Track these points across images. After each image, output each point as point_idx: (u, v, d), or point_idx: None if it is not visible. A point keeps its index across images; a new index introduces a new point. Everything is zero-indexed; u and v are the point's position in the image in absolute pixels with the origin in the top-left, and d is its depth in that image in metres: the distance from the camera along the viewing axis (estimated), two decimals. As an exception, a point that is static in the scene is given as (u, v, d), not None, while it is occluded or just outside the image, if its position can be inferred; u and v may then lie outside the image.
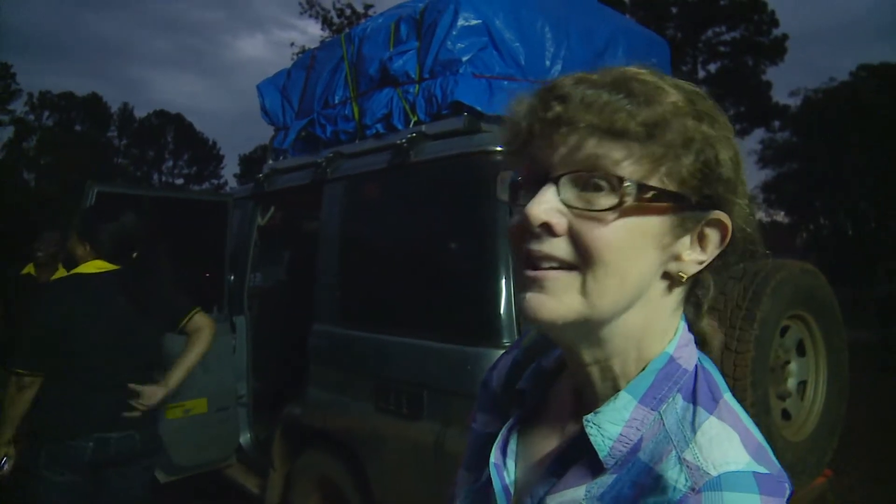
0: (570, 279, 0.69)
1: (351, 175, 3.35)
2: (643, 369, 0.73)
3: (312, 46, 5.31)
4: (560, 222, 0.69)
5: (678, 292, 0.75)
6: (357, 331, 3.16)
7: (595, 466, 0.71)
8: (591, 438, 0.71)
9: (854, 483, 5.06)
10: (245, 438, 4.27)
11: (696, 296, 0.80)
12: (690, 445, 0.66)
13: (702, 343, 0.81)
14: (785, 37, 31.86)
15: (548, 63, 3.17)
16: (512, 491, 0.83)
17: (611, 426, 0.71)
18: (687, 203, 0.70)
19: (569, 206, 0.69)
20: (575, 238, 0.68)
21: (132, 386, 2.67)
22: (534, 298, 0.70)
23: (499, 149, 2.64)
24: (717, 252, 0.73)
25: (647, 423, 0.71)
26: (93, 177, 3.81)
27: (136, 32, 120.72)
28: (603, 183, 0.67)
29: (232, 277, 4.27)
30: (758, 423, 0.74)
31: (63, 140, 44.14)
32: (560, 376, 0.88)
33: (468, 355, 2.55)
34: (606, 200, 0.67)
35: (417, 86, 3.17)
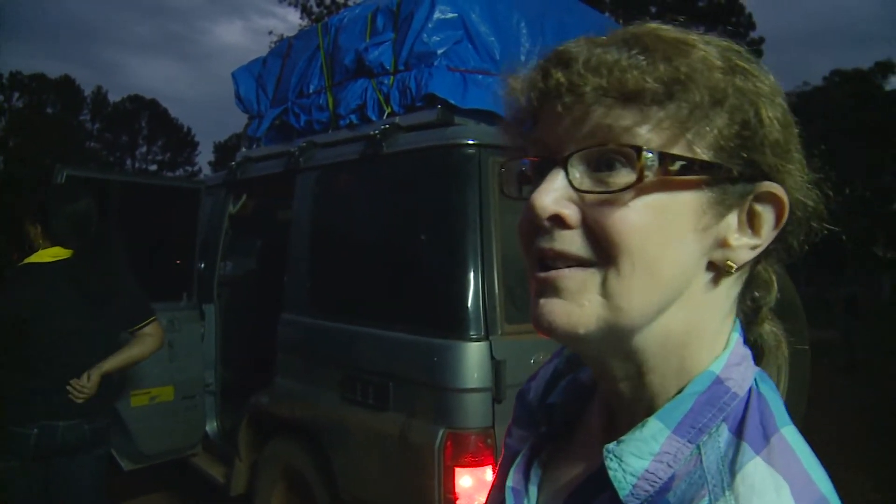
0: (588, 276, 0.57)
1: (324, 165, 3.35)
2: (681, 391, 0.60)
3: (291, 35, 5.29)
4: (572, 212, 0.57)
5: (729, 288, 0.62)
6: (325, 320, 3.16)
7: None
8: (611, 473, 0.58)
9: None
10: (211, 427, 4.25)
11: (753, 295, 0.67)
12: (726, 493, 0.53)
13: (758, 356, 0.67)
14: (761, 39, 32.21)
15: (523, 58, 3.16)
16: None
17: (635, 460, 0.58)
18: (725, 173, 0.56)
19: (581, 192, 0.57)
20: (590, 228, 0.56)
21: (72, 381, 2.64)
22: (547, 305, 0.58)
23: (471, 142, 2.66)
24: (774, 234, 0.60)
25: (682, 459, 0.57)
26: (63, 160, 3.76)
27: (113, 14, 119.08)
28: (619, 158, 0.56)
29: (202, 265, 4.24)
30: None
31: (33, 122, 43.40)
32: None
33: (435, 347, 2.56)
34: (624, 178, 0.55)
35: (392, 77, 3.17)
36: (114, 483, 4.24)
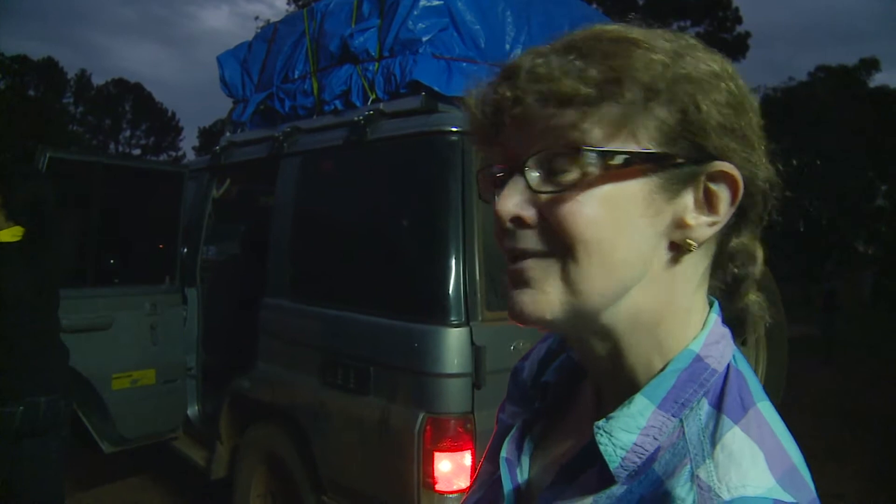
0: (548, 266, 0.61)
1: (307, 150, 3.35)
2: (663, 368, 0.64)
3: (277, 20, 5.27)
4: (530, 213, 0.62)
5: (695, 265, 0.65)
6: (307, 305, 3.17)
7: (606, 476, 0.63)
8: (601, 448, 0.62)
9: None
10: (192, 411, 4.25)
11: (734, 269, 0.70)
12: (707, 461, 0.57)
13: (740, 327, 0.71)
14: (748, 34, 32.30)
15: (508, 47, 3.19)
16: (523, 489, 0.75)
17: (624, 434, 0.62)
18: (669, 160, 0.60)
19: (537, 192, 0.61)
20: (546, 224, 0.61)
21: None
22: (518, 295, 0.63)
23: (454, 129, 2.67)
24: (732, 210, 0.62)
25: (667, 431, 0.61)
26: (46, 143, 3.73)
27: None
28: (566, 158, 0.59)
29: (185, 249, 4.23)
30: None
31: (15, 104, 42.82)
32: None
33: (415, 332, 2.58)
34: (572, 176, 0.59)
35: (377, 64, 3.17)
36: (94, 466, 4.26)
